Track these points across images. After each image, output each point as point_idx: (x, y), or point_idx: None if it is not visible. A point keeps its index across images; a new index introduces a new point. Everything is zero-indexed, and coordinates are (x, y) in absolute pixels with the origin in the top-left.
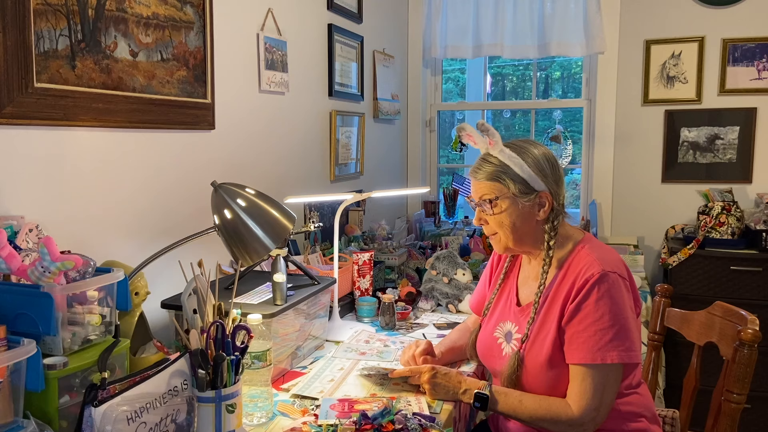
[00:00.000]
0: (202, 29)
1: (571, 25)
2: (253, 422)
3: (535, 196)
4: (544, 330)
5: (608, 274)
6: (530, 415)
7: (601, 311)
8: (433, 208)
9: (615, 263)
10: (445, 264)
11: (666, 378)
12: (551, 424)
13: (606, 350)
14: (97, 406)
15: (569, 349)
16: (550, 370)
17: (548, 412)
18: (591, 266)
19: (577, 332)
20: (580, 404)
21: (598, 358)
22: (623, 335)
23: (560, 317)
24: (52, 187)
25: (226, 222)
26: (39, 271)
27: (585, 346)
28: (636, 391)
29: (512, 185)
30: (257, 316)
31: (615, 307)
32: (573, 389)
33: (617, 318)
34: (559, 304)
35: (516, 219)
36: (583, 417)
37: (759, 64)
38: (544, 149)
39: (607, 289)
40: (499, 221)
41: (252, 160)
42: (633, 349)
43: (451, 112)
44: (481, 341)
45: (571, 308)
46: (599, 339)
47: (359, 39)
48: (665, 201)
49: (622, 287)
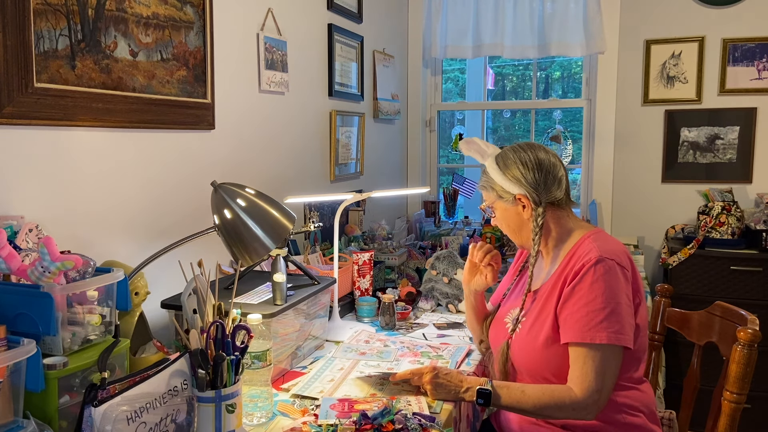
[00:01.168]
0: (202, 29)
1: (571, 25)
2: (253, 422)
3: (512, 198)
4: (545, 312)
5: (605, 259)
6: (534, 404)
7: (595, 293)
8: (433, 208)
9: (616, 252)
10: (445, 264)
11: (666, 378)
12: (556, 410)
13: (596, 330)
14: (97, 406)
15: (563, 328)
16: (545, 349)
17: (552, 398)
18: (590, 252)
19: (570, 313)
20: (582, 386)
21: (587, 337)
22: (613, 318)
23: (558, 299)
24: (52, 187)
25: (226, 222)
26: (39, 271)
27: (577, 325)
28: (637, 387)
29: (494, 192)
30: (257, 316)
31: (608, 291)
32: (574, 371)
33: (609, 301)
34: (558, 287)
35: (509, 221)
36: (587, 399)
37: (759, 64)
38: (533, 155)
39: (603, 273)
40: (500, 223)
41: (252, 160)
42: (623, 332)
43: (451, 112)
44: (493, 326)
45: (567, 291)
46: (591, 319)
47: (359, 39)
48: (665, 201)
49: (619, 274)
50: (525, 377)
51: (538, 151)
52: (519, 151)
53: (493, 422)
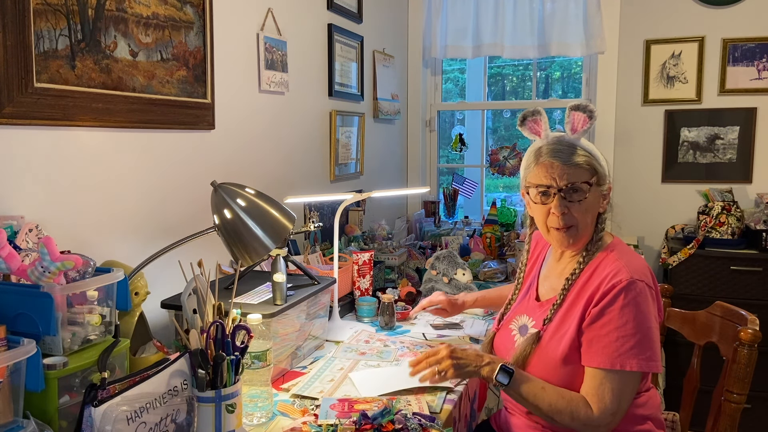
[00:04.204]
0: (202, 29)
1: (571, 25)
2: (253, 422)
3: (605, 187)
4: (563, 328)
5: (636, 282)
6: (550, 404)
7: (626, 318)
8: (433, 208)
9: (642, 271)
10: (445, 264)
11: (666, 378)
12: (568, 418)
13: (626, 357)
14: (97, 406)
15: (588, 351)
16: (563, 367)
17: (569, 406)
18: (619, 272)
19: (598, 336)
20: (599, 406)
21: (617, 364)
22: (645, 344)
23: (581, 318)
24: (52, 187)
25: (226, 222)
26: (39, 271)
27: (606, 351)
28: (645, 394)
29: (599, 173)
30: (257, 316)
31: (640, 315)
32: (590, 390)
33: (641, 326)
34: (581, 304)
35: (594, 209)
36: (601, 419)
37: (759, 64)
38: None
39: (634, 297)
40: (584, 208)
41: (252, 160)
42: (654, 359)
43: (451, 112)
44: (499, 333)
45: (594, 312)
46: (620, 345)
47: (359, 39)
48: (665, 201)
49: (648, 296)
50: None
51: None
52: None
53: (493, 424)
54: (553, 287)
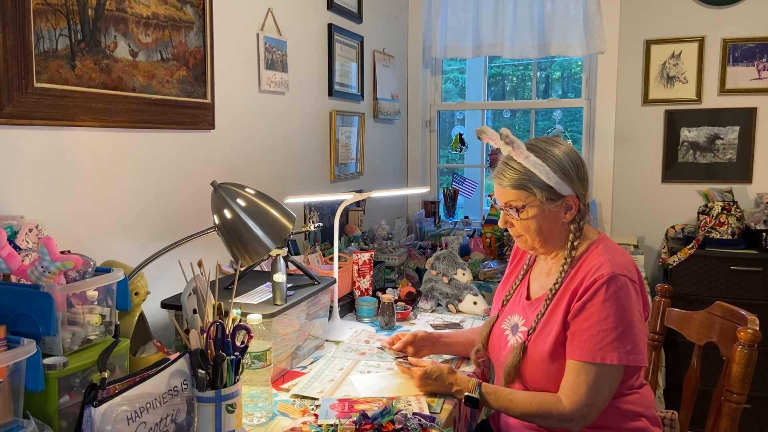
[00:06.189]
0: (202, 29)
1: (571, 25)
2: (253, 422)
3: (561, 201)
4: (550, 324)
5: (617, 276)
6: (521, 412)
7: (607, 312)
8: (433, 208)
9: (626, 266)
10: (445, 264)
11: (666, 378)
12: (542, 420)
13: (606, 351)
14: (96, 406)
15: (570, 345)
16: (552, 363)
17: (539, 409)
18: (601, 267)
19: (580, 330)
20: (572, 398)
21: (597, 357)
22: (626, 338)
23: (566, 313)
24: (52, 187)
25: (226, 222)
26: (39, 271)
27: (587, 344)
28: (638, 391)
29: (539, 193)
30: (257, 316)
31: (621, 309)
32: (566, 382)
33: (622, 320)
34: (566, 299)
35: (543, 223)
36: (574, 412)
37: (759, 64)
38: (566, 148)
39: (615, 291)
40: (526, 226)
41: (252, 160)
42: (636, 352)
43: (451, 112)
44: (493, 334)
45: (576, 306)
46: (601, 339)
47: (359, 39)
48: (665, 201)
49: (631, 290)
50: (527, 385)
51: (567, 145)
52: (555, 145)
53: (492, 424)
54: (542, 286)
